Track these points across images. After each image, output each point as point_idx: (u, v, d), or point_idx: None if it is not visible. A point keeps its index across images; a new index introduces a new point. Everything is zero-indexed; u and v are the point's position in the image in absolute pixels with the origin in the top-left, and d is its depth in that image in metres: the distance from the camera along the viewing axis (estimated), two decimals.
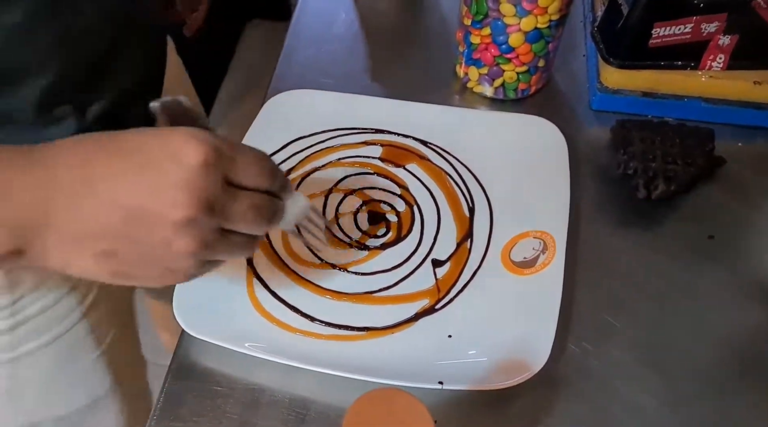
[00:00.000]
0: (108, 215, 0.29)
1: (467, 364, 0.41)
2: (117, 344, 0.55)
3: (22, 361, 0.49)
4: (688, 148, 0.51)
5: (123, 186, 0.28)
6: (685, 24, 0.52)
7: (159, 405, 0.41)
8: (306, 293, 0.45)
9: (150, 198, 0.28)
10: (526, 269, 0.46)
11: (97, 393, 0.56)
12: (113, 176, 0.28)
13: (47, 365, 0.50)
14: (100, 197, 0.28)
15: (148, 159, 0.28)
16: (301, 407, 0.41)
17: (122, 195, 0.28)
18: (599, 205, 0.52)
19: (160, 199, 0.28)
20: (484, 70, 0.57)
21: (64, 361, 0.51)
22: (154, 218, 0.28)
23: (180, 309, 0.42)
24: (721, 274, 0.48)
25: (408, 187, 0.52)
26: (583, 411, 0.41)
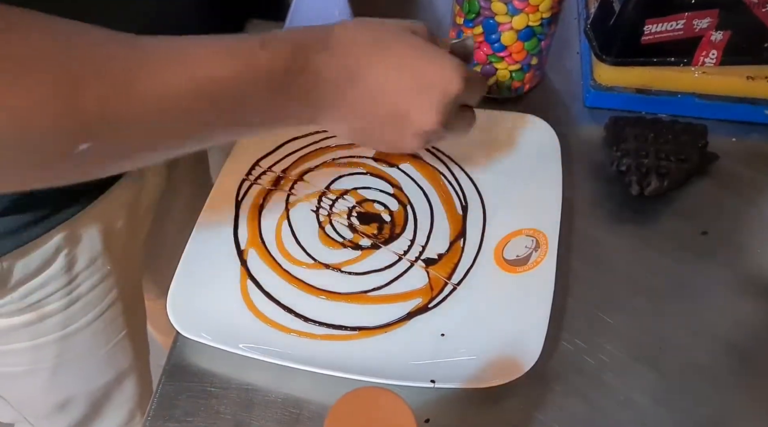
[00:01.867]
0: (380, 107, 0.37)
1: (460, 362, 0.41)
2: (138, 322, 0.60)
3: (69, 339, 0.52)
4: (682, 144, 0.51)
5: (395, 93, 0.37)
6: (677, 20, 0.52)
7: (153, 406, 0.41)
8: (299, 294, 0.45)
9: (414, 110, 0.37)
10: (518, 267, 0.46)
11: (122, 368, 0.60)
12: (389, 85, 0.36)
13: (89, 343, 0.54)
14: (377, 95, 0.37)
15: (424, 81, 0.36)
16: (295, 407, 0.41)
17: (393, 99, 0.37)
18: (593, 202, 0.52)
19: (421, 113, 0.37)
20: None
21: (101, 339, 0.55)
22: (409, 122, 0.37)
23: (174, 310, 0.43)
24: (714, 269, 0.48)
25: (401, 187, 0.52)
26: (577, 408, 0.41)
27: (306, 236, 0.48)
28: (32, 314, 0.48)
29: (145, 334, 0.65)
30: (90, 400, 0.60)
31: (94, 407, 0.61)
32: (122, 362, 0.60)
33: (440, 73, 0.36)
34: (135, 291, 0.60)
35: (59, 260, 0.46)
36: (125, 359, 0.60)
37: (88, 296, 0.51)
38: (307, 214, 0.50)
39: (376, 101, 0.37)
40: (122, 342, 0.58)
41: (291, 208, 0.50)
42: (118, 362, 0.59)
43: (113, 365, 0.59)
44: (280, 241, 0.48)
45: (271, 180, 0.52)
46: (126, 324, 0.57)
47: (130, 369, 0.62)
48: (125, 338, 0.58)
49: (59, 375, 0.55)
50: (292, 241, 0.48)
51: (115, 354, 0.58)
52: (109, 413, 0.63)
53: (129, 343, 0.59)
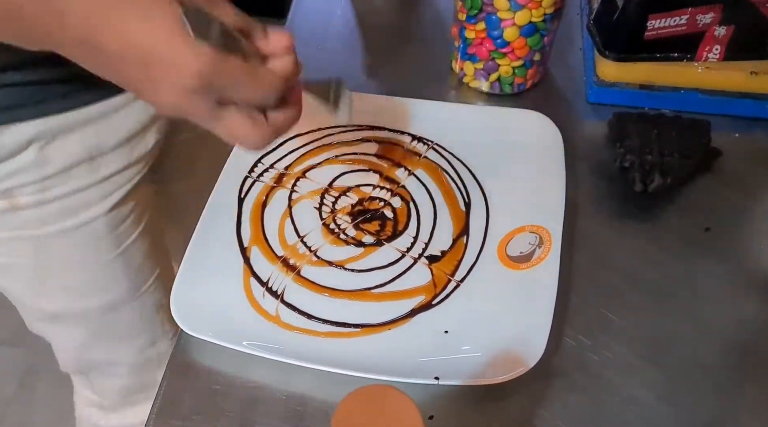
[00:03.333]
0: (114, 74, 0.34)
1: (464, 359, 0.41)
2: (136, 252, 0.57)
3: (46, 242, 0.52)
4: (685, 140, 0.51)
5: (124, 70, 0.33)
6: (680, 15, 0.52)
7: (157, 404, 0.41)
8: (303, 291, 0.45)
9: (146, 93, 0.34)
10: (522, 263, 0.46)
11: (113, 297, 0.58)
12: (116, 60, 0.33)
13: (68, 252, 0.53)
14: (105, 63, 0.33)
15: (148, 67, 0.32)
16: (299, 404, 0.41)
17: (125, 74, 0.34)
18: (596, 199, 0.52)
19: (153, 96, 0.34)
20: (479, 65, 0.57)
21: (84, 252, 0.54)
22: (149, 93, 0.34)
23: (177, 308, 0.43)
24: (718, 266, 0.48)
25: (404, 184, 0.52)
26: (580, 405, 0.41)
27: (309, 234, 0.48)
28: (5, 202, 0.48)
29: (157, 266, 0.62)
30: (83, 322, 0.60)
31: (90, 331, 0.61)
32: (113, 288, 0.58)
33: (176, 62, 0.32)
34: (141, 214, 0.57)
35: (30, 152, 0.46)
36: (117, 286, 0.58)
37: (65, 201, 0.50)
38: (310, 211, 0.50)
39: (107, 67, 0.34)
40: (112, 265, 0.56)
41: (294, 206, 0.50)
42: (106, 286, 0.58)
43: (100, 289, 0.58)
44: (283, 238, 0.48)
45: (274, 177, 0.52)
46: (114, 246, 0.55)
47: (126, 300, 0.59)
48: (116, 262, 0.56)
49: (40, 279, 0.55)
50: (295, 238, 0.48)
51: (105, 277, 0.57)
52: (113, 343, 0.63)
53: (122, 269, 0.57)
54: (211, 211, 0.49)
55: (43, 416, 1.15)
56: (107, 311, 0.59)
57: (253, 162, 0.53)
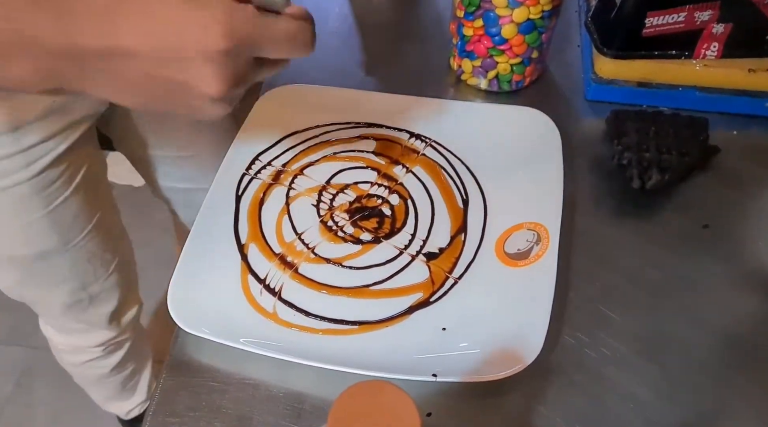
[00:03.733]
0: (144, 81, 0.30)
1: (461, 356, 0.41)
2: (66, 211, 0.59)
3: None
4: (683, 137, 0.51)
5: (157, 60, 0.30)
6: (678, 13, 0.52)
7: (155, 401, 0.41)
8: (300, 288, 0.45)
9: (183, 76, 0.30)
10: (520, 260, 0.46)
11: (42, 248, 0.61)
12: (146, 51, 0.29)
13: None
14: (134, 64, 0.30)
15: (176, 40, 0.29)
16: (297, 402, 0.41)
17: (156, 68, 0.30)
18: (594, 196, 0.52)
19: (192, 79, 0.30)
20: (477, 62, 0.57)
21: (10, 211, 0.56)
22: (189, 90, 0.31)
23: (174, 306, 0.42)
24: (715, 263, 0.48)
25: (402, 181, 0.52)
26: (578, 402, 0.41)
27: (307, 231, 0.48)
28: None
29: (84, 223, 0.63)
30: (14, 266, 0.63)
31: (22, 274, 0.64)
32: (43, 242, 0.60)
33: (196, 30, 0.29)
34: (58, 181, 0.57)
35: None
36: (46, 240, 0.60)
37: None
38: (308, 208, 0.50)
39: (141, 73, 0.30)
40: (40, 223, 0.57)
41: (291, 203, 0.50)
42: (37, 240, 0.59)
43: (34, 242, 0.59)
44: (281, 235, 0.48)
45: (272, 174, 0.52)
46: (42, 206, 0.56)
47: (57, 251, 0.61)
48: (44, 220, 0.57)
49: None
50: (292, 235, 0.48)
51: (33, 233, 0.58)
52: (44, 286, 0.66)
53: (50, 226, 0.58)
54: (209, 209, 0.48)
55: (39, 416, 1.15)
56: (37, 260, 0.62)
57: (251, 159, 0.52)
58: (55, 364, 1.20)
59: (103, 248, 0.67)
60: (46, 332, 0.82)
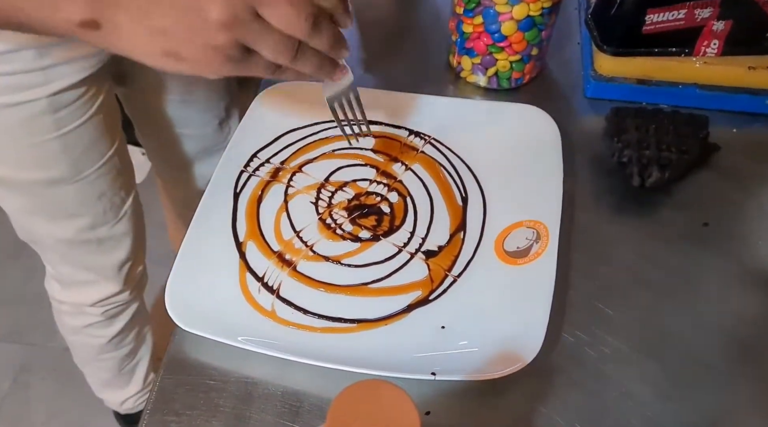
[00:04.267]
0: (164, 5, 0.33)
1: (460, 354, 0.41)
2: (77, 139, 0.60)
3: None
4: (683, 135, 0.51)
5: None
6: (678, 10, 0.52)
7: (152, 399, 0.41)
8: (299, 286, 0.45)
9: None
10: (519, 258, 0.45)
11: (52, 174, 0.61)
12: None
13: (9, 124, 0.56)
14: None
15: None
16: (295, 400, 0.41)
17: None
18: (594, 194, 0.52)
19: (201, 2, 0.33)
20: (477, 59, 0.57)
21: (24, 126, 0.56)
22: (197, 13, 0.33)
23: (172, 304, 0.42)
24: (715, 261, 0.48)
25: (401, 179, 0.51)
26: (578, 400, 0.41)
27: (305, 228, 0.48)
28: None
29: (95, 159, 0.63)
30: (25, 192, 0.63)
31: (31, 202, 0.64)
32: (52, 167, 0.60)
33: None
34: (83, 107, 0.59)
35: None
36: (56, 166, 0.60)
37: (9, 79, 0.52)
38: (306, 206, 0.50)
39: None
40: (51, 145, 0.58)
41: (290, 200, 0.50)
42: (47, 164, 0.60)
43: (44, 166, 0.60)
44: (279, 233, 0.48)
45: (270, 172, 0.52)
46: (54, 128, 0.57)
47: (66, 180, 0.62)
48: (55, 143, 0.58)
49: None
50: (291, 233, 0.48)
51: (43, 155, 0.59)
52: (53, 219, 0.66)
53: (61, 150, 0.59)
54: (207, 206, 0.48)
55: (37, 413, 1.15)
56: (47, 187, 0.62)
57: (249, 156, 0.52)
58: (53, 361, 1.20)
59: (114, 190, 0.67)
60: (50, 288, 0.81)
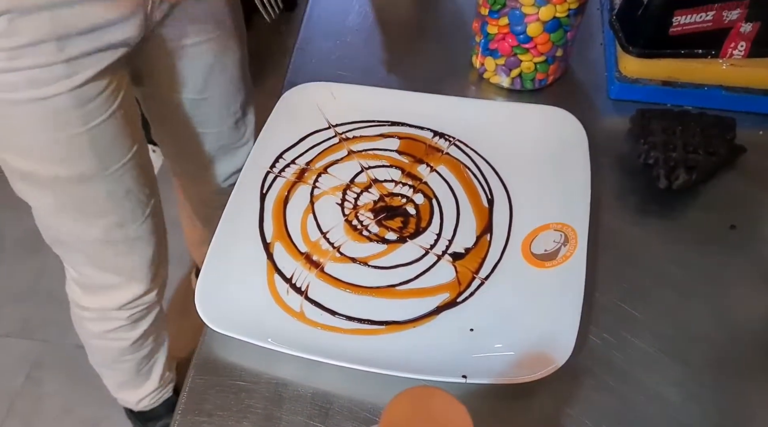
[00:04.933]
0: None
1: (491, 358, 0.41)
2: (103, 133, 0.60)
3: (18, 107, 0.54)
4: (710, 137, 0.51)
5: None
6: (706, 11, 0.51)
7: (183, 400, 0.41)
8: (327, 287, 0.45)
9: None
10: (547, 261, 0.45)
11: (80, 170, 0.61)
12: None
13: (36, 118, 0.56)
14: None
15: None
16: (325, 401, 0.41)
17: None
18: (619, 195, 0.52)
19: None
20: (501, 60, 0.57)
21: (50, 121, 0.56)
22: None
23: (202, 305, 0.42)
24: (743, 263, 0.48)
25: (426, 180, 0.51)
26: (605, 402, 0.41)
27: (331, 230, 0.48)
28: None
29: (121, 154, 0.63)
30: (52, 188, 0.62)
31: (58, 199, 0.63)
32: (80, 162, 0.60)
33: None
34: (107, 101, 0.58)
35: (1, 22, 0.48)
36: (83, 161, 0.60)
37: (31, 73, 0.52)
38: (332, 207, 0.50)
39: None
40: (79, 139, 0.58)
41: (316, 202, 0.50)
42: (74, 159, 0.60)
43: (71, 161, 0.60)
44: (306, 234, 0.48)
45: (296, 173, 0.52)
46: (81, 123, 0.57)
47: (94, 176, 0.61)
48: (82, 137, 0.58)
49: (10, 139, 0.58)
50: (317, 234, 0.48)
51: (71, 149, 0.59)
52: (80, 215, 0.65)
53: (88, 145, 0.59)
54: (234, 207, 0.48)
55: (49, 409, 1.15)
56: (74, 183, 0.62)
57: (275, 157, 0.52)
58: (66, 357, 1.21)
59: (139, 186, 0.67)
60: (72, 294, 0.80)
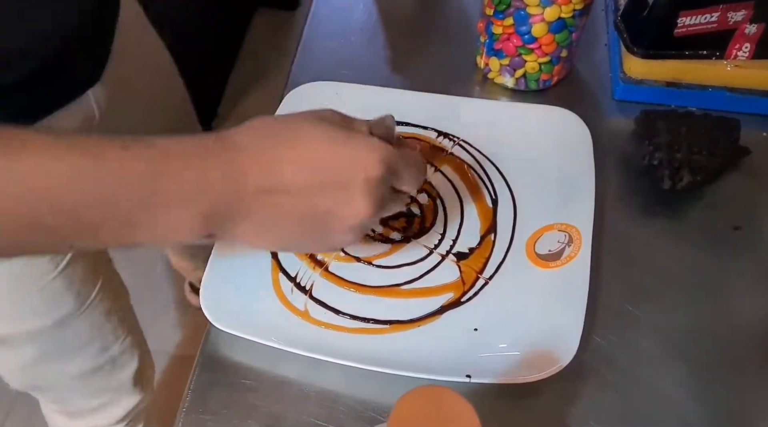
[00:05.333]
0: (298, 214, 0.34)
1: (495, 357, 0.41)
2: (77, 266, 0.57)
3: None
4: (714, 138, 0.51)
5: (313, 195, 0.33)
6: (711, 13, 0.51)
7: (188, 398, 0.41)
8: (331, 286, 0.45)
9: (337, 206, 0.34)
10: (551, 261, 0.45)
11: (60, 314, 0.58)
12: (304, 187, 0.33)
13: (5, 280, 0.53)
14: (291, 199, 0.33)
15: (336, 173, 0.33)
16: (329, 400, 0.41)
17: (313, 201, 0.33)
18: (623, 196, 0.52)
19: (346, 207, 0.34)
20: (505, 60, 0.57)
21: (22, 279, 0.54)
22: (335, 219, 0.34)
23: (207, 303, 0.43)
24: (747, 264, 0.48)
25: (430, 180, 0.51)
26: (610, 402, 0.41)
27: None
28: None
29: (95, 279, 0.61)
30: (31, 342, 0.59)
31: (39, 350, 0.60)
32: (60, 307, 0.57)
33: (355, 160, 0.33)
34: None
35: None
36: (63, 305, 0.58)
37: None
38: None
39: (292, 206, 0.33)
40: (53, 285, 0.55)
41: None
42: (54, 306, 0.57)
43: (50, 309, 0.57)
44: None
45: None
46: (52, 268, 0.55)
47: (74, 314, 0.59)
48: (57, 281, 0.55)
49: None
50: None
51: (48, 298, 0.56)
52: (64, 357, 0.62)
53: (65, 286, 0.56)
54: None
55: None
56: (56, 329, 0.59)
57: None
58: None
59: (118, 302, 0.64)
60: (54, 423, 0.75)
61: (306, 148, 0.33)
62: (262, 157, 0.33)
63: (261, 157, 0.33)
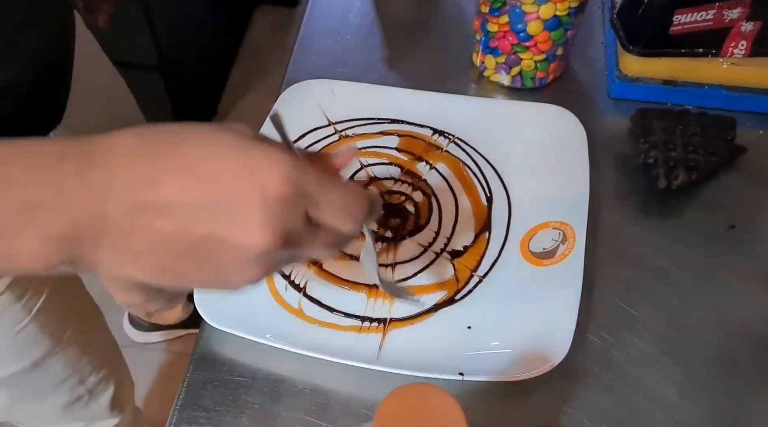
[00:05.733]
0: (175, 239, 0.25)
1: (488, 355, 0.41)
2: (51, 309, 0.56)
3: None
4: (710, 137, 0.50)
5: (196, 215, 0.25)
6: (707, 10, 0.51)
7: (181, 395, 0.41)
8: (325, 284, 0.45)
9: (225, 229, 0.25)
10: (545, 259, 0.45)
11: (36, 357, 0.57)
12: (186, 204, 0.25)
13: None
14: (168, 220, 0.25)
15: (226, 188, 0.25)
16: (323, 397, 0.41)
17: (194, 223, 0.25)
18: (618, 195, 0.52)
19: (232, 234, 0.25)
20: (501, 58, 0.57)
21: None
22: (230, 247, 0.26)
23: (201, 301, 0.43)
24: (742, 263, 0.48)
25: (425, 178, 0.51)
26: (604, 401, 0.41)
27: None
28: None
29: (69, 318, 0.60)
30: (6, 387, 0.59)
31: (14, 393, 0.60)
32: (35, 350, 0.57)
33: (251, 173, 0.25)
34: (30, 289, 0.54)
35: None
36: (38, 348, 0.57)
37: None
38: None
39: (164, 227, 0.25)
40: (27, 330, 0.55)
41: None
42: (28, 350, 0.57)
43: (25, 353, 0.56)
44: None
45: None
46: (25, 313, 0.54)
47: (50, 354, 0.58)
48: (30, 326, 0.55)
49: None
50: None
51: (22, 343, 0.55)
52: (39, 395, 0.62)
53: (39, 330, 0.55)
54: None
55: None
56: (31, 371, 0.58)
57: None
58: None
59: (93, 335, 0.63)
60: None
61: (195, 157, 0.25)
62: (138, 163, 0.25)
63: (136, 163, 0.25)
